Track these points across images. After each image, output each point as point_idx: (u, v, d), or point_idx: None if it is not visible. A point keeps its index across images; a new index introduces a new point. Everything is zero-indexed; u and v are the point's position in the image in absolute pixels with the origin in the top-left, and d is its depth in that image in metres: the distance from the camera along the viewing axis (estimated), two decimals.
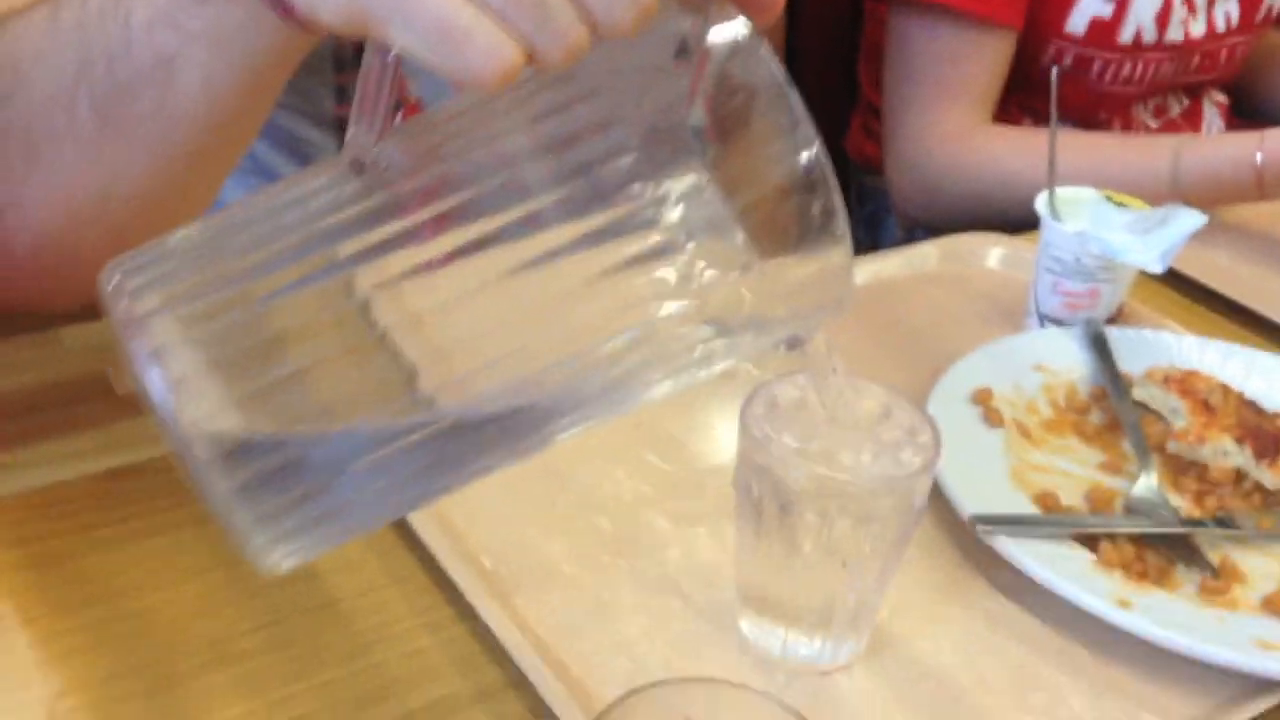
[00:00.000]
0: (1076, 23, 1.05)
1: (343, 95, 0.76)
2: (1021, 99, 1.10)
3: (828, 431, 0.49)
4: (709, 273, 0.38)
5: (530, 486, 0.61)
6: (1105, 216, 0.74)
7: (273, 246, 0.35)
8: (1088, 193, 0.78)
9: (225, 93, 0.47)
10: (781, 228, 0.39)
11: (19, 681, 0.49)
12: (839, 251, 0.38)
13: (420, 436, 0.36)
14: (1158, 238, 0.70)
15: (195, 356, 0.34)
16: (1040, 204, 0.76)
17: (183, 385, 0.33)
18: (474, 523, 0.58)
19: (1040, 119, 1.10)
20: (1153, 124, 1.17)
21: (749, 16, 0.38)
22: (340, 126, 0.77)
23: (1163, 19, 1.06)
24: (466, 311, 0.36)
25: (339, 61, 0.76)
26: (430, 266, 0.35)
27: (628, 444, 0.64)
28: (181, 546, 0.56)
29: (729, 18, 0.38)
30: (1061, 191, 0.77)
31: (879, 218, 1.20)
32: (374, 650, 0.52)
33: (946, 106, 1.05)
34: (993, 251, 0.86)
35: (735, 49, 0.38)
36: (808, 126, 0.37)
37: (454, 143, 0.37)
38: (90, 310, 0.39)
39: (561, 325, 0.36)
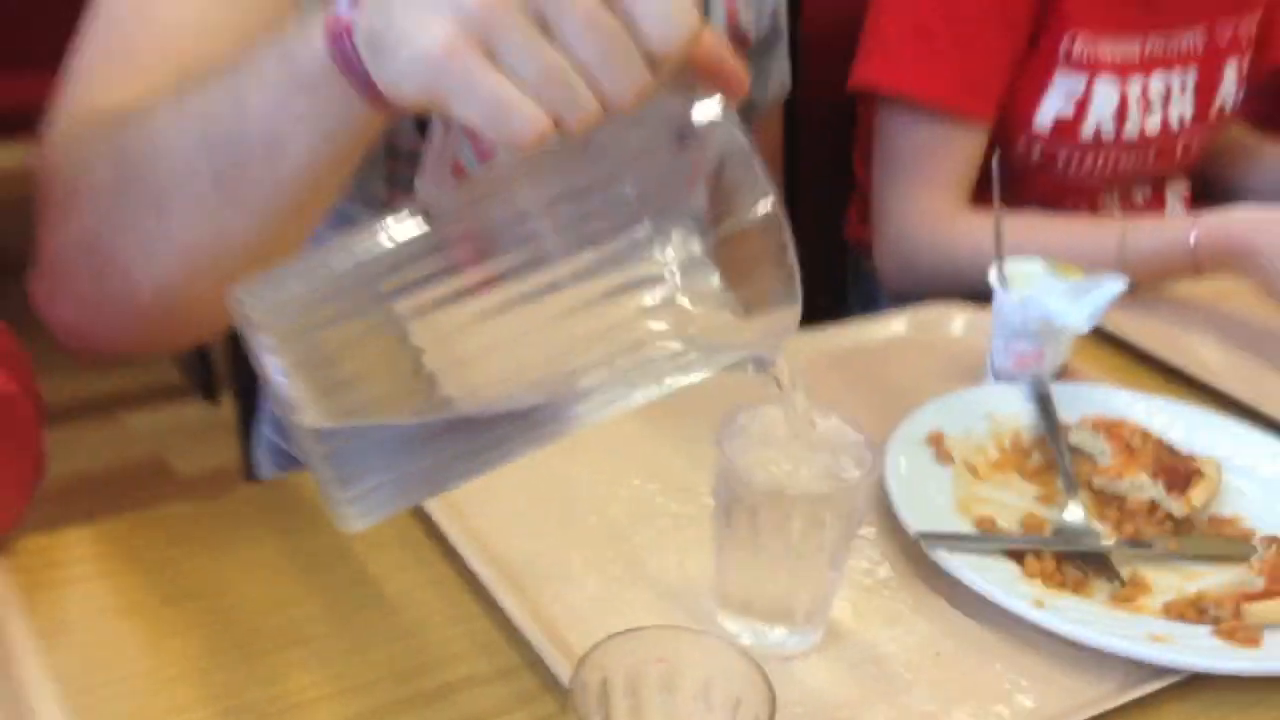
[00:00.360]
0: (1042, 120, 1.18)
1: (393, 182, 0.89)
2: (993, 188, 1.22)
3: (788, 449, 0.61)
4: (688, 302, 0.50)
5: (545, 495, 0.73)
6: (1047, 285, 0.86)
7: (347, 275, 0.48)
8: (1036, 264, 0.89)
9: (320, 163, 0.59)
10: (745, 263, 0.51)
11: (133, 658, 0.61)
12: (791, 287, 0.50)
13: (446, 426, 0.48)
14: (1086, 302, 0.82)
15: (293, 354, 0.46)
16: (992, 275, 0.88)
17: (288, 373, 0.45)
18: (498, 530, 0.69)
19: (1011, 207, 1.22)
20: (1119, 212, 1.29)
21: (724, 95, 0.51)
22: (388, 208, 0.90)
23: (1120, 117, 1.18)
24: (487, 328, 0.48)
25: (392, 150, 0.89)
26: (461, 296, 0.47)
27: (630, 460, 0.76)
28: (260, 558, 0.68)
29: (708, 96, 0.51)
30: (1015, 264, 0.89)
31: (873, 296, 1.32)
32: (414, 635, 0.63)
33: (924, 193, 1.17)
34: (957, 319, 0.98)
35: (716, 127, 0.51)
36: (766, 184, 0.49)
37: (492, 199, 0.50)
38: (152, 394, 0.50)
39: (567, 337, 0.48)
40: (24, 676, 0.57)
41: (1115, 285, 0.83)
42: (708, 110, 0.51)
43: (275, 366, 0.46)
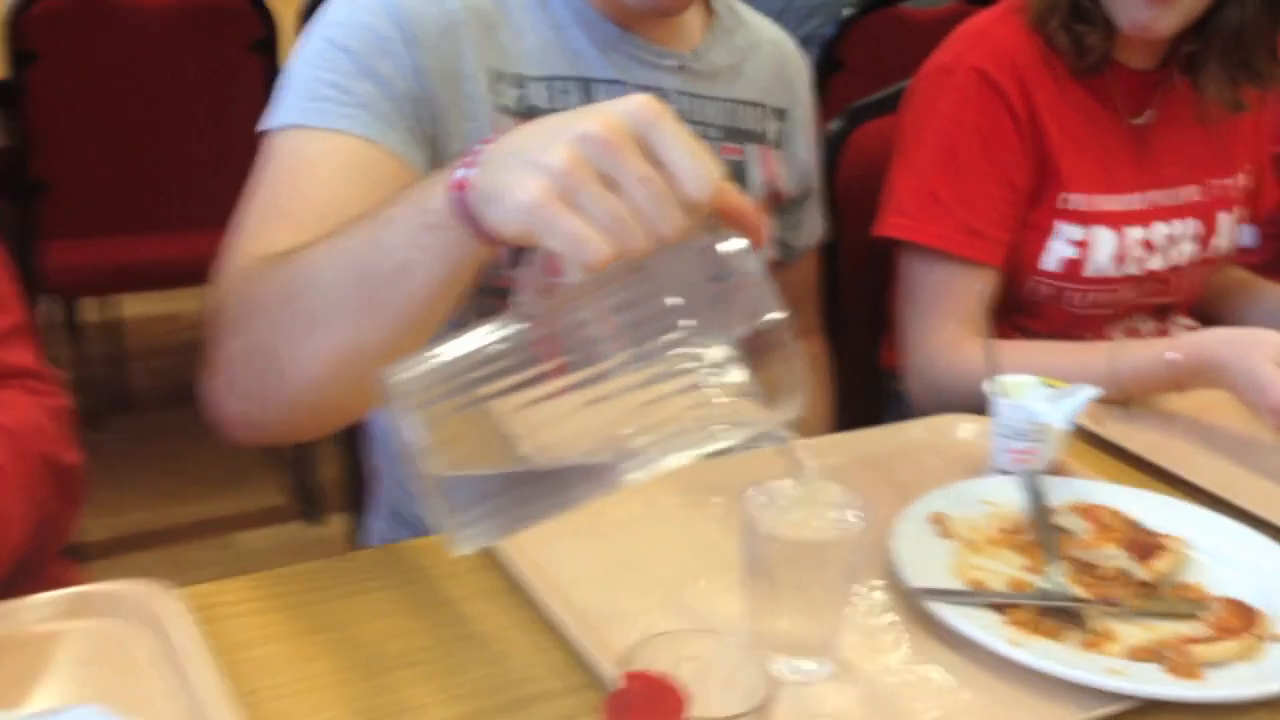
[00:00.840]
0: (1047, 263, 1.34)
1: (482, 313, 1.08)
2: (1014, 319, 1.38)
3: (800, 511, 0.76)
4: (718, 389, 0.67)
5: (611, 546, 0.88)
6: (1036, 392, 1.01)
7: (459, 362, 0.65)
8: (1030, 379, 1.05)
9: (438, 286, 0.76)
10: (762, 361, 0.68)
11: (283, 674, 0.77)
12: (797, 379, 0.67)
13: (527, 477, 0.64)
14: (1065, 405, 0.97)
15: (421, 419, 0.63)
16: (987, 386, 1.03)
17: (419, 433, 0.63)
18: (570, 577, 0.85)
19: (1029, 335, 1.37)
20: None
21: (747, 238, 0.68)
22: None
23: (1120, 258, 1.34)
24: (557, 404, 0.65)
25: (483, 289, 1.07)
26: (538, 380, 0.64)
27: (676, 522, 0.92)
28: (379, 602, 0.85)
29: (732, 236, 0.68)
30: (1013, 378, 1.05)
31: (905, 414, 1.47)
32: (501, 661, 0.79)
33: (941, 326, 1.33)
34: (965, 425, 1.13)
35: (738, 258, 0.68)
36: (775, 301, 0.66)
37: (567, 308, 0.67)
38: (262, 515, 0.66)
39: (620, 413, 0.65)
40: (200, 686, 0.74)
41: (1090, 391, 0.98)
42: (732, 245, 0.68)
43: (410, 427, 0.63)
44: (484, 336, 0.67)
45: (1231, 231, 1.44)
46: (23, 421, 0.92)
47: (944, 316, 1.32)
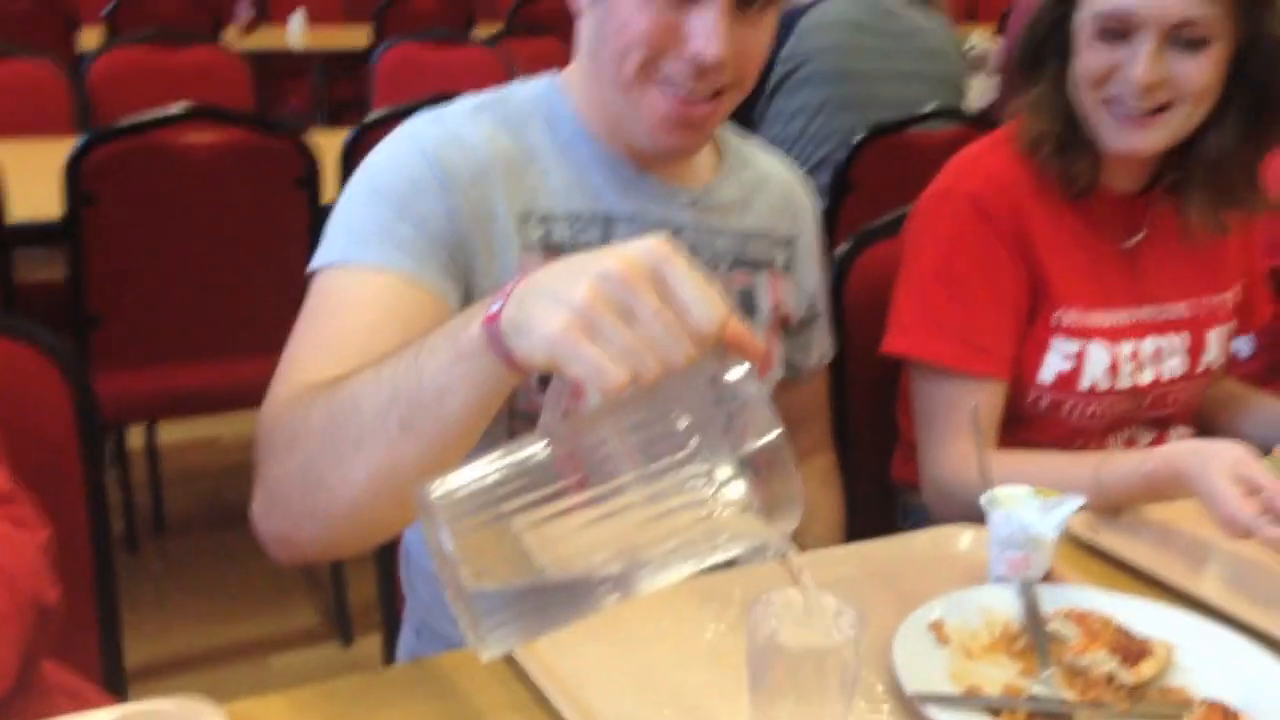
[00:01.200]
0: (1044, 377, 1.41)
1: (512, 434, 1.16)
2: (1016, 431, 1.44)
3: (802, 619, 0.82)
4: (722, 504, 0.74)
5: (631, 657, 0.94)
6: (1027, 503, 1.08)
7: (487, 479, 0.72)
8: (1023, 490, 1.11)
9: (473, 410, 0.83)
10: (765, 477, 0.75)
11: None
12: (795, 496, 0.74)
13: (549, 586, 0.71)
14: (1053, 515, 1.04)
15: (451, 529, 0.71)
16: (983, 499, 1.10)
17: (449, 542, 0.70)
18: (592, 688, 0.91)
19: (1030, 447, 1.44)
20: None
21: (748, 360, 0.76)
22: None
23: (1113, 372, 1.41)
24: (574, 519, 0.72)
25: (512, 413, 1.15)
26: (555, 496, 0.72)
27: (693, 631, 0.98)
28: (411, 711, 0.91)
29: (738, 362, 0.75)
30: (1007, 490, 1.11)
31: (917, 525, 1.53)
32: None
33: (954, 441, 1.39)
34: (965, 535, 1.19)
35: (742, 382, 0.75)
36: (775, 421, 0.73)
37: (587, 427, 0.75)
38: (295, 638, 0.71)
39: (632, 526, 0.72)
40: None
41: (1076, 501, 1.05)
42: (736, 371, 0.76)
43: (441, 538, 0.71)
44: (511, 455, 0.74)
45: (1222, 347, 1.50)
46: (15, 563, 0.93)
47: (955, 432, 1.38)
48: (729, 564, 1.22)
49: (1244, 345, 1.73)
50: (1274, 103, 1.35)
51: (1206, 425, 1.57)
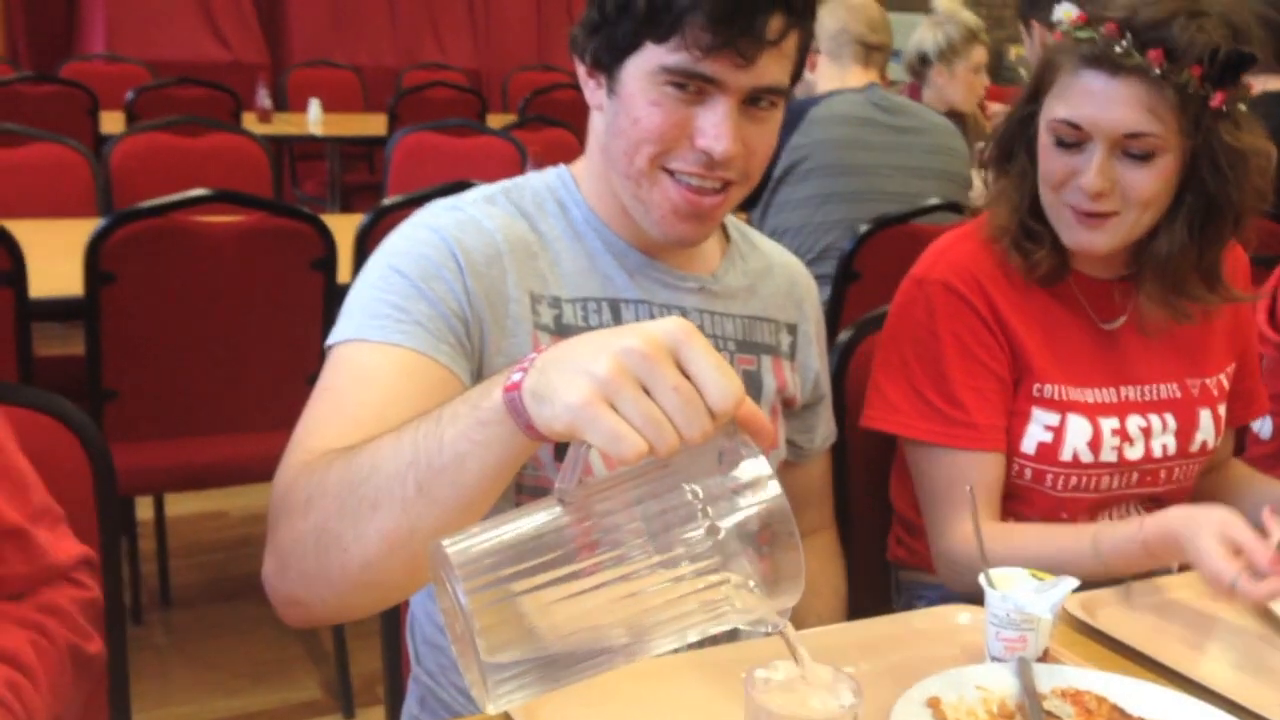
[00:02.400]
0: (1027, 445, 1.44)
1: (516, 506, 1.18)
2: (1005, 504, 1.47)
3: (798, 690, 0.85)
4: (726, 576, 0.76)
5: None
6: (1023, 584, 1.10)
7: (500, 541, 0.75)
8: (1020, 571, 1.14)
9: (489, 476, 0.86)
10: (769, 552, 0.77)
11: None
12: (799, 572, 0.77)
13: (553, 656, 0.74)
14: (1048, 596, 1.06)
15: (465, 586, 0.73)
16: (981, 579, 1.12)
17: (461, 600, 0.72)
18: None
19: (1019, 520, 1.47)
20: None
21: (755, 438, 0.79)
22: None
23: (1094, 445, 1.43)
24: (584, 591, 0.74)
25: (519, 487, 1.18)
26: (565, 560, 0.74)
27: (686, 698, 1.00)
28: None
29: (747, 442, 0.79)
30: (1003, 571, 1.14)
31: (911, 604, 1.56)
32: None
33: (959, 517, 1.41)
34: (963, 615, 1.21)
35: (752, 462, 0.78)
36: (781, 499, 0.76)
37: (600, 495, 0.77)
38: (302, 710, 0.72)
39: (639, 594, 0.75)
40: None
41: (1071, 583, 1.07)
42: (748, 450, 0.79)
43: (459, 593, 0.73)
44: (526, 517, 0.77)
45: (1215, 427, 1.52)
46: (56, 623, 1.01)
47: (955, 507, 1.41)
48: (730, 635, 1.25)
49: (1264, 426, 1.76)
50: (1220, 209, 1.39)
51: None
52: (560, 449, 1.14)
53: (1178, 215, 1.40)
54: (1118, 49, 1.32)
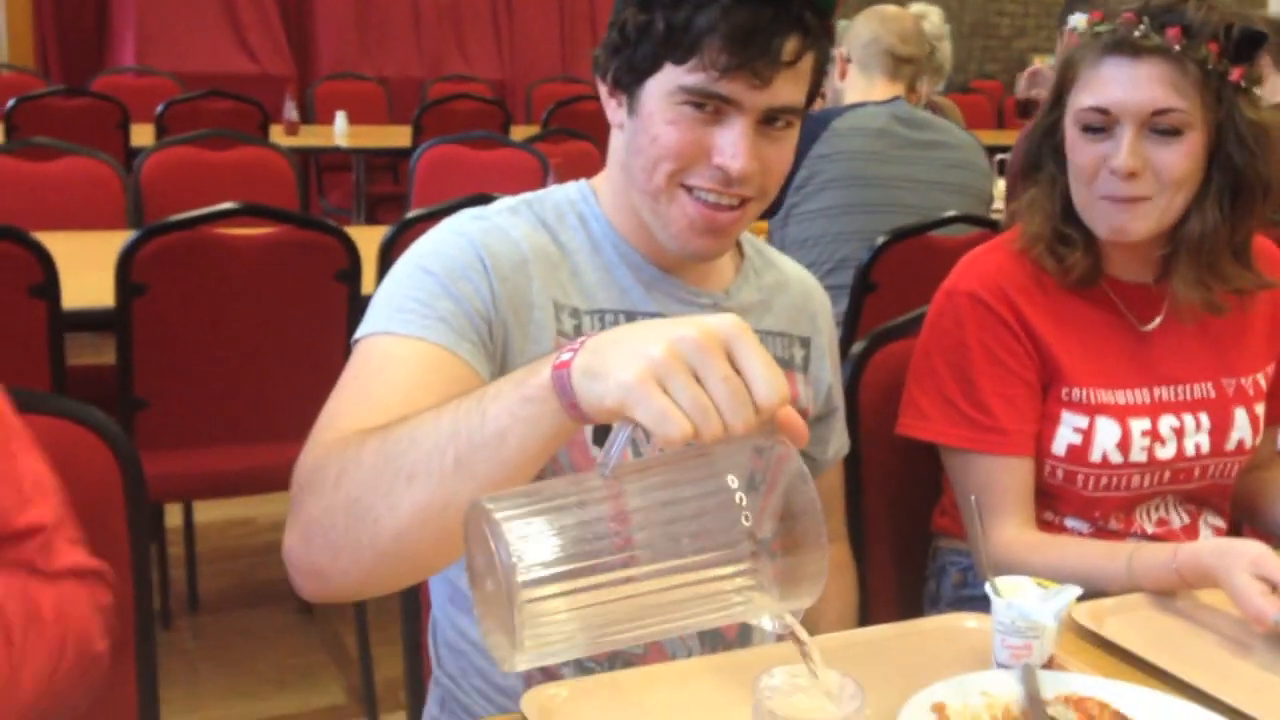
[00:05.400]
0: (1057, 448, 1.48)
1: None
2: (1039, 503, 1.50)
3: (806, 694, 0.87)
4: (753, 577, 0.79)
5: None
6: (1028, 593, 1.13)
7: (547, 505, 0.78)
8: (1025, 579, 1.16)
9: (529, 454, 0.87)
10: (791, 553, 0.80)
11: None
12: (820, 575, 0.79)
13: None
14: (1052, 604, 1.08)
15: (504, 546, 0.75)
16: (987, 588, 1.15)
17: (509, 543, 0.75)
18: None
19: (1056, 515, 1.52)
20: (1151, 529, 1.53)
21: (792, 440, 0.82)
22: None
23: (1123, 447, 1.46)
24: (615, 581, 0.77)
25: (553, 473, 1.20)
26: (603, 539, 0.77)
27: (698, 703, 1.03)
28: None
29: (782, 441, 0.82)
30: (1008, 579, 1.16)
31: (944, 568, 1.62)
32: None
33: (1001, 525, 1.45)
34: (971, 622, 1.24)
35: (786, 458, 0.81)
36: (814, 499, 0.79)
37: (641, 477, 0.80)
38: (328, 715, 0.73)
39: (664, 591, 0.78)
40: None
41: (1074, 591, 1.10)
42: (782, 448, 0.82)
43: (504, 543, 0.75)
44: (570, 491, 0.80)
45: (1253, 426, 1.54)
46: (60, 607, 1.03)
47: (994, 514, 1.45)
48: (742, 639, 1.28)
49: None
50: (1249, 185, 1.43)
51: (1249, 512, 1.62)
52: (599, 433, 1.17)
53: (1208, 195, 1.43)
54: (1136, 33, 1.38)
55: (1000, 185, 3.31)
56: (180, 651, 2.73)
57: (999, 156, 3.60)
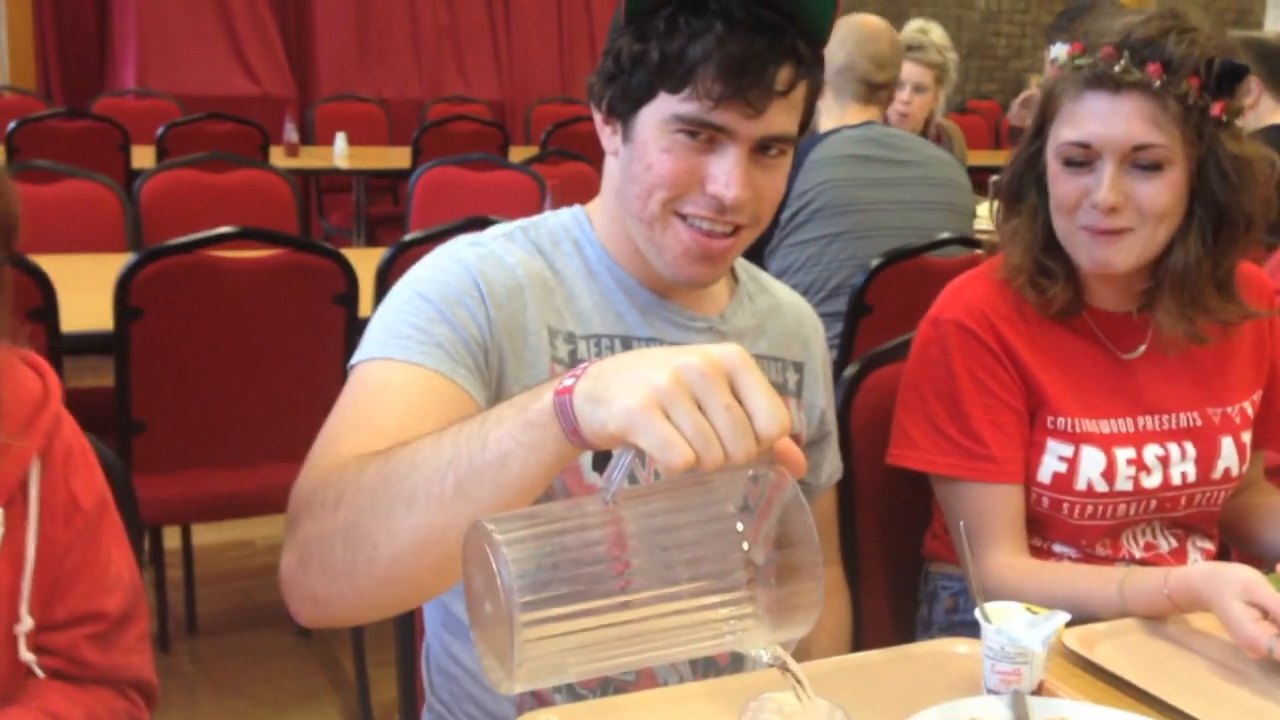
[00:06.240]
0: (1043, 475, 1.48)
1: None
2: (1028, 531, 1.50)
3: (795, 718, 0.88)
4: (745, 604, 0.80)
5: None
6: (1018, 619, 1.13)
7: (548, 529, 0.78)
8: (1015, 605, 1.17)
9: (530, 480, 0.87)
10: (786, 581, 0.80)
11: None
12: (815, 604, 0.80)
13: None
14: (1040, 630, 1.09)
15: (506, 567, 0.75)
16: (978, 613, 1.15)
17: (513, 570, 0.75)
18: None
19: (1045, 542, 1.52)
20: (1139, 554, 1.54)
21: (790, 470, 0.83)
22: None
23: (1108, 476, 1.47)
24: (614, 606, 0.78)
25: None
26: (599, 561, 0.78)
27: None
28: None
29: (780, 472, 0.82)
30: (998, 605, 1.17)
31: (935, 593, 1.63)
32: None
33: (993, 551, 1.46)
34: (962, 648, 1.24)
35: (783, 487, 0.82)
36: (811, 530, 0.79)
37: (642, 502, 0.81)
38: None
39: (659, 617, 0.78)
40: None
41: (1062, 617, 1.10)
42: (782, 478, 0.82)
43: (506, 564, 0.75)
44: (570, 515, 0.80)
45: (1239, 454, 1.54)
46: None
47: (985, 541, 1.46)
48: (734, 665, 1.28)
49: None
50: (1232, 218, 1.43)
51: (1239, 537, 1.62)
52: (599, 460, 1.18)
53: (1190, 228, 1.44)
54: (1117, 68, 1.38)
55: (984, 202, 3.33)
56: (178, 674, 2.73)
57: (994, 178, 3.61)
